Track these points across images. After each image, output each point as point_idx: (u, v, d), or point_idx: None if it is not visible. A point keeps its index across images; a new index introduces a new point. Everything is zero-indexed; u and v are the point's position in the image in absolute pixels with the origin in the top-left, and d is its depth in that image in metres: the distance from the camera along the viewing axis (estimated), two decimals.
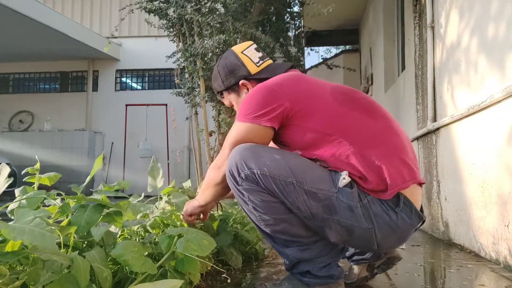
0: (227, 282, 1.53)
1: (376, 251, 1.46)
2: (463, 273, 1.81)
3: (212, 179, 1.33)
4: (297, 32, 6.37)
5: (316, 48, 8.46)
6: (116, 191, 1.43)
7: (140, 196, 1.68)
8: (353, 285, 1.52)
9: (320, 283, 1.26)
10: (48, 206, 1.26)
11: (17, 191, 1.33)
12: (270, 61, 1.46)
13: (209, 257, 1.52)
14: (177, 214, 1.61)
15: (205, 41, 4.41)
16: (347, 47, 8.19)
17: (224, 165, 1.25)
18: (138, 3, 4.91)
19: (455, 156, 2.53)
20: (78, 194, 1.24)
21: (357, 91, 1.31)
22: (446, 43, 2.69)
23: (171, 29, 5.10)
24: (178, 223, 1.56)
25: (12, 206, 1.22)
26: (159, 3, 4.84)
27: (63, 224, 1.14)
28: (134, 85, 10.08)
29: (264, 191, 1.19)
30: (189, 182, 1.95)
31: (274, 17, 5.59)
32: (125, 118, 9.37)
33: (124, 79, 10.00)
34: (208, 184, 1.36)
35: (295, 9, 6.00)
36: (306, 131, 1.21)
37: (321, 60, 7.96)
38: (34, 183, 1.37)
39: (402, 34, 4.38)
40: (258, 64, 1.42)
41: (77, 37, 8.19)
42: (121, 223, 1.29)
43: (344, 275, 1.41)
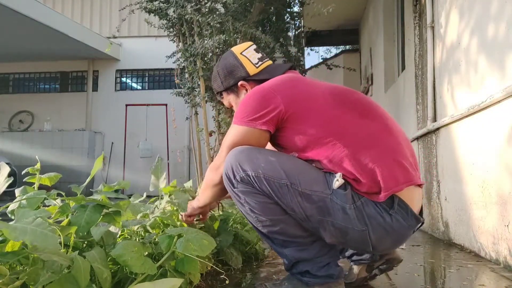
0: (227, 282, 1.53)
1: (372, 253, 1.46)
2: (463, 273, 1.81)
3: (211, 180, 1.35)
4: (297, 32, 6.37)
5: (316, 48, 8.47)
6: (116, 191, 1.43)
7: (142, 196, 1.67)
8: (353, 285, 1.52)
9: (320, 283, 1.26)
10: (48, 206, 1.26)
11: (17, 191, 1.33)
12: (270, 62, 1.46)
13: (209, 257, 1.52)
14: (177, 214, 1.61)
15: (205, 41, 4.41)
16: (347, 47, 8.20)
17: (222, 167, 1.26)
18: (138, 3, 4.91)
19: (455, 156, 2.53)
20: (78, 195, 1.24)
21: (354, 92, 1.30)
22: (446, 43, 2.69)
23: (171, 29, 5.10)
24: (178, 223, 1.56)
25: (12, 206, 1.22)
26: (159, 3, 4.84)
27: (63, 224, 1.14)
28: (134, 85, 10.08)
29: (260, 193, 1.20)
30: (190, 182, 1.95)
31: (274, 17, 5.59)
32: (125, 118, 9.37)
33: (124, 79, 10.00)
34: (207, 185, 1.38)
35: (295, 9, 6.00)
36: (301, 134, 1.21)
37: (321, 60, 7.96)
38: (34, 183, 1.37)
39: (402, 34, 4.38)
40: (257, 65, 1.42)
41: (77, 37, 8.19)
42: (120, 223, 1.29)
43: (344, 275, 1.41)
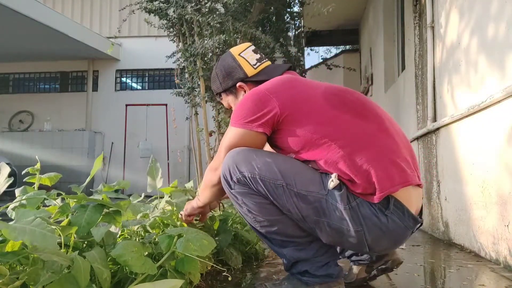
0: (227, 282, 1.53)
1: (369, 253, 1.46)
2: (463, 273, 1.82)
3: (209, 181, 1.36)
4: (297, 32, 6.37)
5: (316, 48, 8.48)
6: (116, 191, 1.43)
7: (140, 196, 1.68)
8: (353, 285, 1.52)
9: (319, 282, 1.26)
10: (48, 206, 1.26)
11: (17, 191, 1.33)
12: (268, 63, 1.46)
13: (209, 257, 1.52)
14: (177, 214, 1.61)
15: (205, 41, 4.41)
16: (347, 47, 8.19)
17: (220, 168, 1.27)
18: (138, 3, 4.91)
19: (455, 156, 2.53)
20: (79, 194, 1.24)
21: (351, 92, 1.30)
22: (446, 43, 2.69)
23: (171, 29, 5.10)
24: (178, 223, 1.56)
25: (12, 206, 1.22)
26: (159, 3, 4.84)
27: (63, 224, 1.14)
28: (134, 85, 10.08)
29: (256, 194, 1.21)
30: (191, 183, 1.96)
31: (274, 17, 5.60)
32: (125, 118, 9.37)
33: (124, 79, 10.00)
34: (206, 186, 1.39)
35: (295, 9, 6.00)
36: (297, 135, 1.21)
37: (321, 60, 7.96)
38: (34, 183, 1.37)
39: (402, 34, 4.38)
40: (255, 66, 1.42)
41: (77, 37, 8.19)
42: (120, 223, 1.29)
43: (344, 275, 1.41)
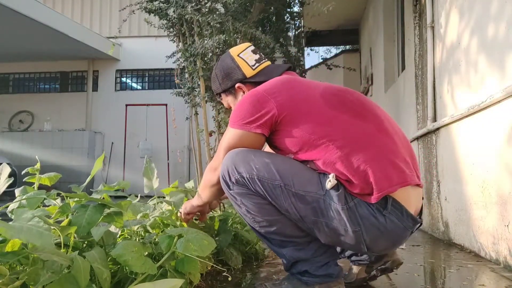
0: (227, 282, 1.53)
1: (368, 254, 1.45)
2: (463, 273, 1.82)
3: (209, 181, 1.37)
4: (297, 32, 6.37)
5: (316, 48, 8.48)
6: (116, 191, 1.43)
7: (137, 197, 1.68)
8: (353, 285, 1.52)
9: (319, 282, 1.26)
10: (48, 206, 1.26)
11: (17, 191, 1.33)
12: (268, 63, 1.46)
13: (209, 257, 1.52)
14: (177, 213, 1.61)
15: (205, 41, 4.41)
16: (347, 47, 8.20)
17: (220, 168, 1.28)
18: (138, 3, 4.91)
19: (455, 156, 2.53)
20: (80, 193, 1.24)
21: (350, 92, 1.30)
22: (446, 43, 2.69)
23: (171, 29, 5.10)
24: (178, 223, 1.56)
25: (12, 206, 1.22)
26: (159, 3, 4.84)
27: (63, 224, 1.14)
28: (134, 85, 10.08)
29: (255, 194, 1.21)
30: (192, 183, 1.97)
31: (274, 17, 5.59)
32: (125, 118, 9.37)
33: (124, 79, 10.00)
34: (205, 185, 1.40)
35: (295, 9, 6.00)
36: (295, 136, 1.21)
37: (321, 60, 7.96)
38: (34, 183, 1.37)
39: (402, 34, 4.38)
40: (254, 67, 1.42)
41: (77, 37, 8.19)
42: (122, 223, 1.29)
43: (344, 275, 1.40)
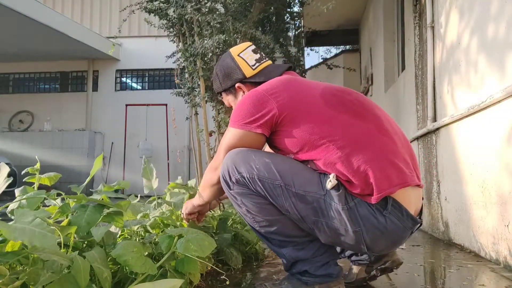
0: (227, 282, 1.53)
1: (368, 254, 1.45)
2: (463, 273, 1.82)
3: (209, 180, 1.37)
4: (297, 32, 6.37)
5: (316, 48, 8.47)
6: (116, 191, 1.43)
7: (137, 197, 1.68)
8: (352, 285, 1.52)
9: (319, 282, 1.26)
10: (48, 206, 1.26)
11: (17, 191, 1.33)
12: (269, 62, 1.46)
13: (209, 257, 1.52)
14: (177, 213, 1.62)
15: (205, 41, 4.41)
16: (347, 47, 8.19)
17: (220, 168, 1.28)
18: (139, 3, 4.91)
19: (455, 156, 2.53)
20: (78, 194, 1.24)
21: (350, 92, 1.30)
22: (446, 43, 2.69)
23: (171, 29, 5.10)
24: (178, 223, 1.56)
25: (12, 206, 1.22)
26: (159, 3, 4.84)
27: (63, 224, 1.14)
28: (134, 85, 10.08)
29: (255, 194, 1.21)
30: (194, 180, 1.98)
31: (274, 17, 5.60)
32: (125, 118, 9.37)
33: (124, 79, 10.00)
34: (206, 185, 1.40)
35: (295, 9, 6.00)
36: (295, 136, 1.21)
37: (321, 60, 7.96)
38: (34, 183, 1.37)
39: (402, 34, 4.38)
40: (254, 67, 1.42)
41: (77, 37, 8.19)
42: (122, 223, 1.29)
43: (344, 275, 1.40)
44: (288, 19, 5.94)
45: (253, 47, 1.47)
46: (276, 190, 1.18)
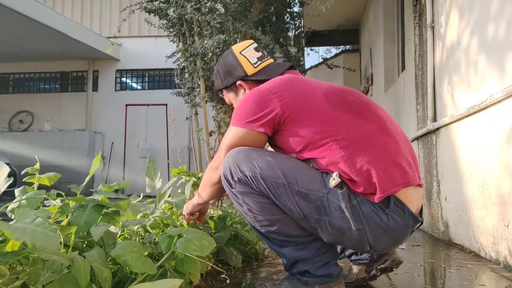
0: (227, 282, 1.53)
1: (371, 252, 1.46)
2: (463, 273, 1.81)
3: (210, 179, 1.37)
4: (297, 32, 6.37)
5: (316, 48, 8.46)
6: (116, 191, 1.43)
7: (139, 197, 1.68)
8: (352, 285, 1.52)
9: (319, 282, 1.26)
10: (48, 206, 1.26)
11: (17, 191, 1.33)
12: (270, 61, 1.46)
13: (209, 257, 1.52)
14: (177, 213, 1.62)
15: (205, 41, 4.41)
16: (347, 47, 8.19)
17: (221, 167, 1.28)
18: (139, 4, 4.92)
19: (455, 156, 2.53)
20: (78, 195, 1.24)
21: (352, 92, 1.30)
22: (446, 43, 2.69)
23: (171, 29, 5.11)
24: (178, 223, 1.56)
25: (12, 206, 1.21)
26: (159, 3, 4.84)
27: (63, 224, 1.14)
28: (134, 85, 10.08)
29: (257, 193, 1.21)
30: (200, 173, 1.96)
31: (274, 17, 5.60)
32: (125, 118, 9.37)
33: (124, 79, 10.00)
34: (206, 184, 1.40)
35: (295, 9, 6.00)
36: (298, 136, 1.21)
37: (321, 60, 7.95)
38: (34, 183, 1.37)
39: (402, 34, 4.38)
40: (256, 65, 1.42)
41: (77, 37, 8.19)
42: (119, 223, 1.29)
43: (344, 275, 1.40)
44: (288, 19, 5.94)
45: (255, 45, 1.47)
46: (279, 189, 1.18)
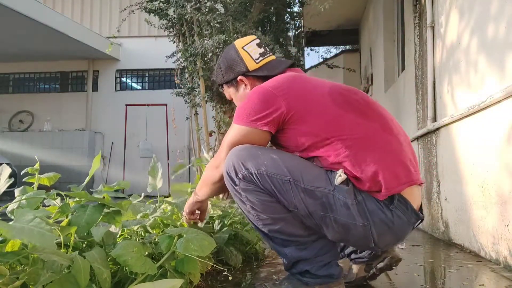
0: (227, 282, 1.53)
1: (374, 249, 1.46)
2: (463, 273, 1.81)
3: (210, 178, 1.35)
4: (297, 32, 6.38)
5: (316, 48, 8.46)
6: (116, 191, 1.43)
7: (140, 196, 1.67)
8: (352, 285, 1.52)
9: (320, 283, 1.26)
10: (48, 206, 1.26)
11: (17, 191, 1.33)
12: (272, 57, 1.45)
13: (209, 257, 1.52)
14: (177, 213, 1.61)
15: (205, 41, 4.41)
16: (347, 47, 8.19)
17: (222, 165, 1.27)
18: (139, 4, 4.92)
19: (455, 156, 2.53)
20: (81, 192, 1.24)
21: (356, 91, 1.31)
22: (446, 43, 2.69)
23: (171, 29, 5.11)
24: (178, 223, 1.56)
25: (12, 206, 1.21)
26: (159, 3, 4.85)
27: (63, 224, 1.14)
28: (134, 85, 10.09)
29: (262, 191, 1.20)
30: (210, 155, 1.93)
31: (274, 17, 5.60)
32: (125, 118, 9.37)
33: (124, 79, 10.00)
34: (206, 183, 1.38)
35: (295, 9, 6.01)
36: (302, 135, 1.21)
37: (321, 60, 7.96)
38: (34, 183, 1.37)
39: (402, 34, 4.38)
40: (257, 61, 1.41)
41: (77, 37, 8.20)
42: (120, 223, 1.29)
43: (344, 275, 1.40)
44: (288, 19, 5.95)
45: (258, 41, 1.46)
46: (285, 186, 1.17)
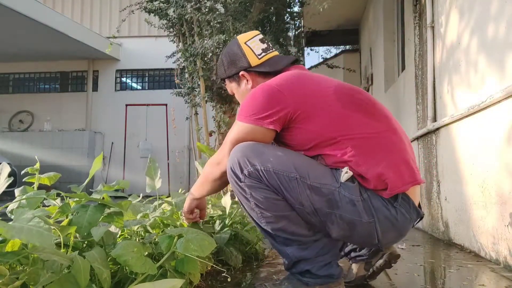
0: (227, 282, 1.53)
1: (377, 247, 1.46)
2: (463, 273, 1.81)
3: (211, 175, 1.35)
4: (297, 32, 6.37)
5: (316, 48, 8.46)
6: (116, 191, 1.43)
7: (139, 197, 1.67)
8: (353, 285, 1.52)
9: (320, 283, 1.26)
10: (48, 206, 1.26)
11: (17, 191, 1.33)
12: (275, 53, 1.45)
13: (209, 257, 1.52)
14: (177, 213, 1.62)
15: (205, 41, 4.41)
16: (347, 47, 8.19)
17: (224, 162, 1.26)
18: (139, 4, 4.92)
19: (455, 156, 2.53)
20: (80, 193, 1.24)
21: (361, 91, 1.31)
22: (446, 43, 2.69)
23: (171, 29, 5.11)
24: (178, 223, 1.56)
25: (12, 206, 1.21)
26: (159, 3, 4.85)
27: (63, 224, 1.14)
28: (134, 85, 10.09)
29: (267, 188, 1.20)
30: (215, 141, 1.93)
31: (274, 17, 5.60)
32: (125, 118, 9.38)
33: (124, 79, 10.00)
34: (206, 179, 1.37)
35: (295, 9, 6.00)
36: (308, 133, 1.21)
37: (321, 60, 7.96)
38: (34, 183, 1.37)
39: (402, 34, 4.38)
40: (260, 56, 1.41)
41: (77, 37, 8.20)
42: (122, 223, 1.29)
43: (344, 275, 1.40)
44: (288, 19, 5.94)
45: (261, 36, 1.46)
46: (292, 183, 1.17)
